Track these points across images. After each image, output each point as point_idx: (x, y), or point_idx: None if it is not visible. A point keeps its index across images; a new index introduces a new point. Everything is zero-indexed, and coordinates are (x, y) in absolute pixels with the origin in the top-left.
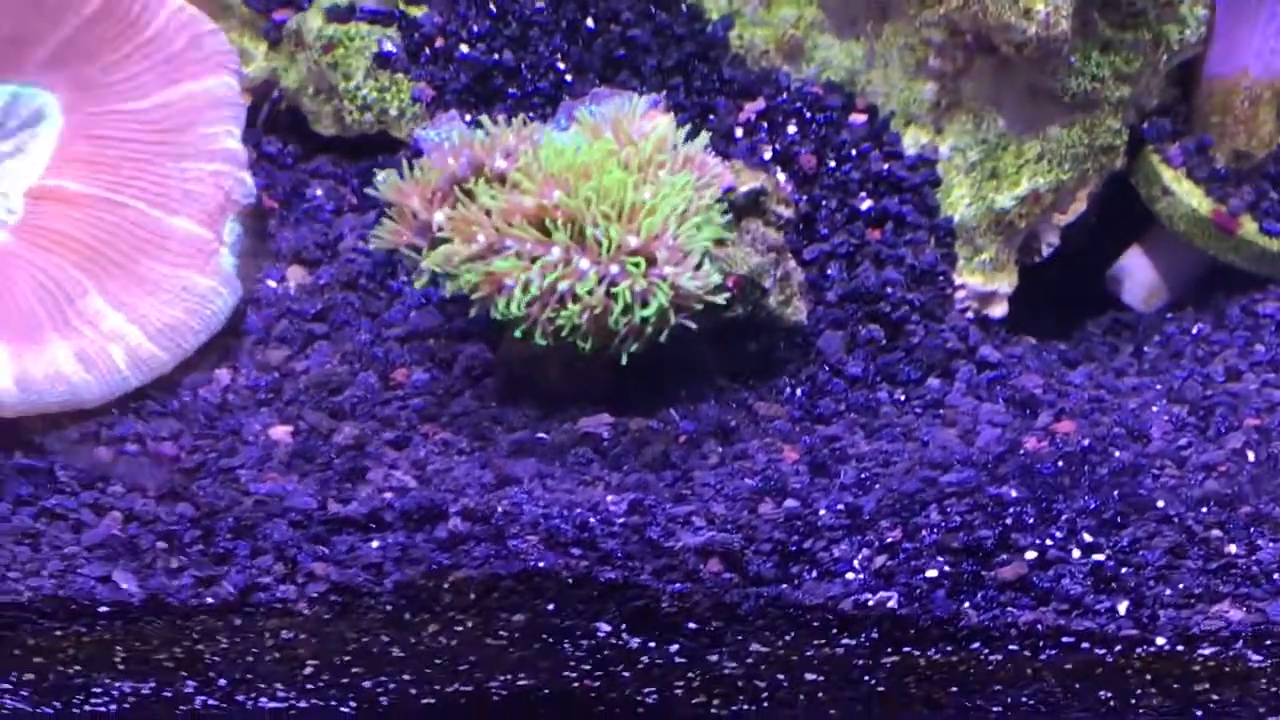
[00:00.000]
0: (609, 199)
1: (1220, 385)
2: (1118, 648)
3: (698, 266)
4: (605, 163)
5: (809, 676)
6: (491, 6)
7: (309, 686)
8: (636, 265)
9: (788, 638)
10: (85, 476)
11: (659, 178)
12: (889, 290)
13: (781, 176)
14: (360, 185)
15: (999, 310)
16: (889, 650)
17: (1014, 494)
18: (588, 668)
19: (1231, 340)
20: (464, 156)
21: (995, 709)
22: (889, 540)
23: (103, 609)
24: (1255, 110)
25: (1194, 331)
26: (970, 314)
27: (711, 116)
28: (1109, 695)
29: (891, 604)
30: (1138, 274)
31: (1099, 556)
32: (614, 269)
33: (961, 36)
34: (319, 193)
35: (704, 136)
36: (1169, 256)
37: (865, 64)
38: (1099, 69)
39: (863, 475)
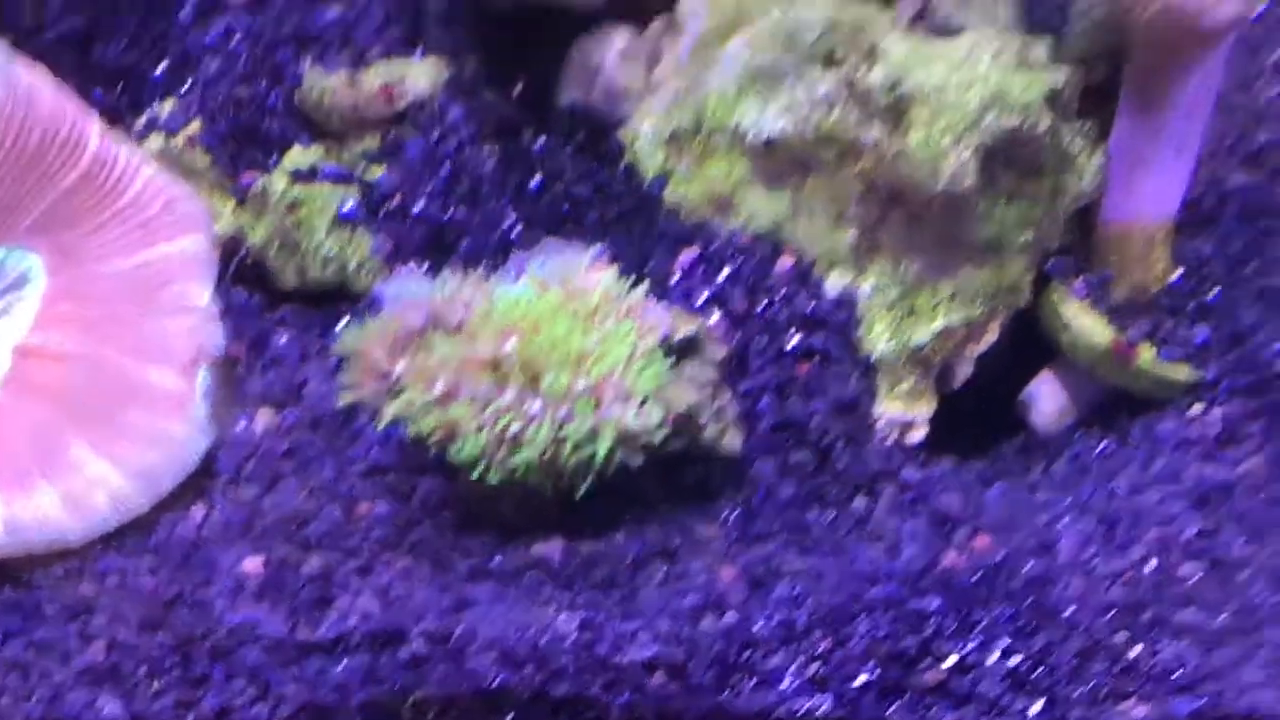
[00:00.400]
0: (559, 347)
1: (1124, 499)
2: None
3: (641, 406)
4: (555, 314)
5: None
6: (445, 168)
7: None
8: (585, 407)
9: None
10: (71, 609)
11: (605, 326)
12: (816, 420)
13: (715, 318)
14: (323, 333)
15: (918, 435)
16: None
17: (935, 605)
18: None
19: (1134, 457)
20: (422, 309)
21: None
22: (821, 650)
23: None
24: (1150, 249)
25: (1099, 450)
26: (892, 439)
27: (650, 264)
28: None
29: (824, 709)
30: (1047, 397)
31: (1014, 661)
32: (564, 411)
33: (878, 190)
34: (284, 340)
35: (644, 286)
36: (1076, 381)
37: (791, 214)
38: (1004, 217)
39: (796, 590)
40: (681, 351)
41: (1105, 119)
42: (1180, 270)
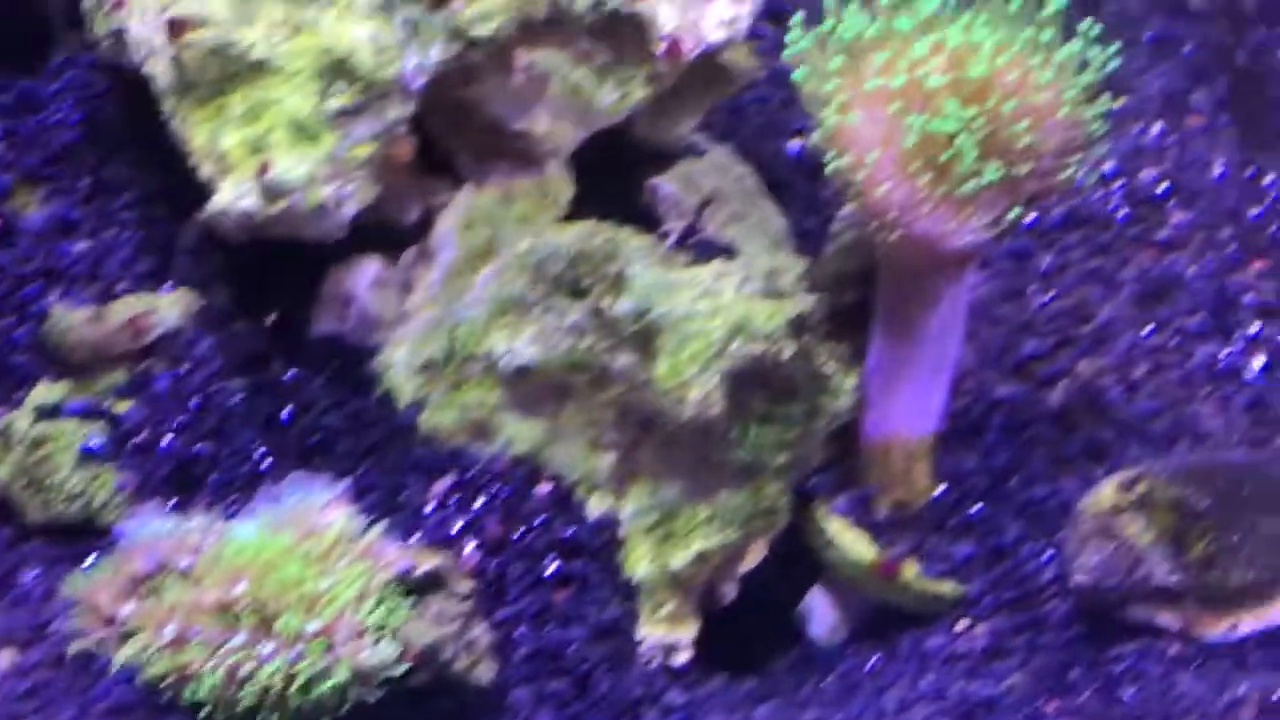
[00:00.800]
0: (291, 590)
1: (893, 716)
2: None
3: (375, 644)
4: (287, 555)
5: None
6: (194, 400)
7: None
8: (317, 648)
9: None
10: None
11: (338, 567)
12: (575, 647)
13: (470, 547)
14: (70, 570)
15: (683, 657)
16: None
17: None
18: None
19: (903, 672)
20: (153, 552)
21: None
22: None
23: None
24: (910, 465)
25: (870, 665)
26: (655, 663)
27: (404, 494)
28: None
29: None
30: (819, 612)
31: None
32: (296, 652)
33: (632, 416)
34: (30, 577)
35: (381, 525)
36: (846, 595)
37: (549, 440)
38: (758, 440)
39: None
40: (424, 587)
41: (863, 337)
42: (943, 485)
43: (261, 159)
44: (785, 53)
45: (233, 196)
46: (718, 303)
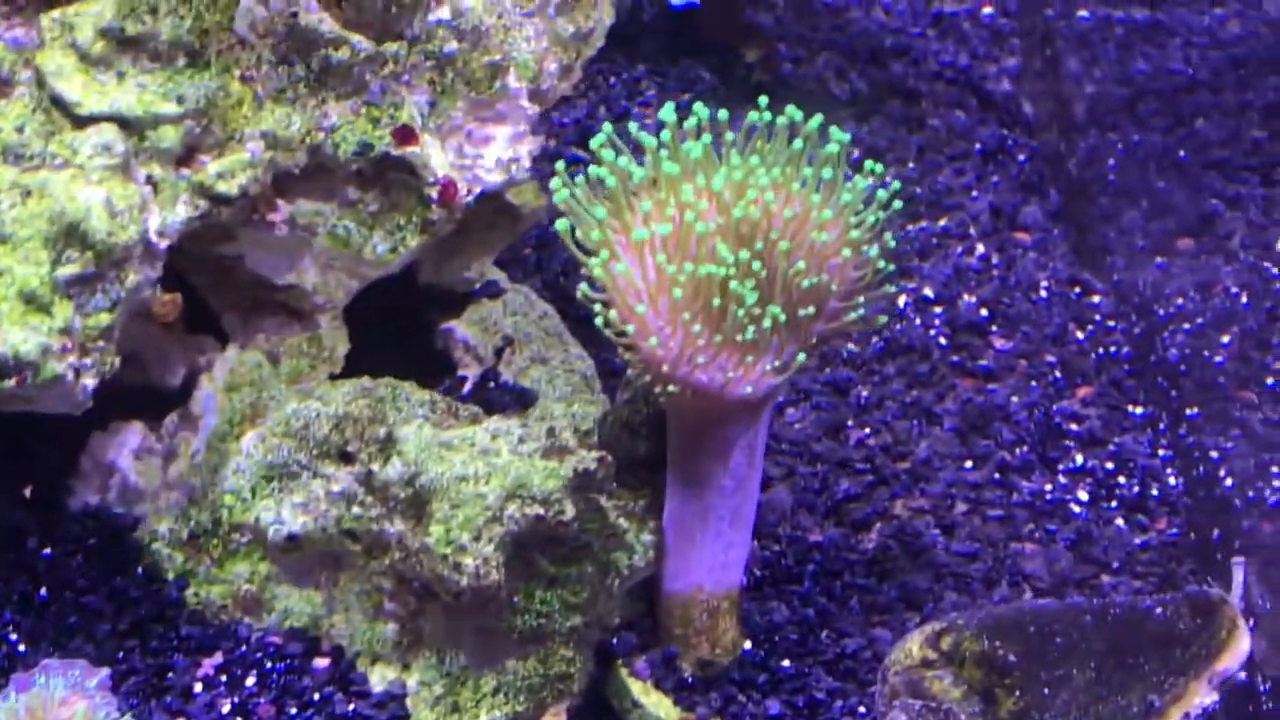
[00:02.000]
0: None
1: None
2: None
3: None
4: None
5: None
6: None
7: None
8: None
9: None
10: None
11: None
12: None
13: None
14: None
15: None
16: None
17: None
18: None
19: None
20: None
21: None
22: None
23: None
24: (715, 620)
25: None
26: None
27: (170, 677)
28: None
29: None
30: None
31: None
32: None
33: (409, 583)
34: None
35: (137, 714)
36: None
37: (327, 610)
38: (545, 604)
39: None
40: None
41: (661, 488)
42: (751, 640)
43: None
44: (554, 198)
45: None
46: (493, 464)
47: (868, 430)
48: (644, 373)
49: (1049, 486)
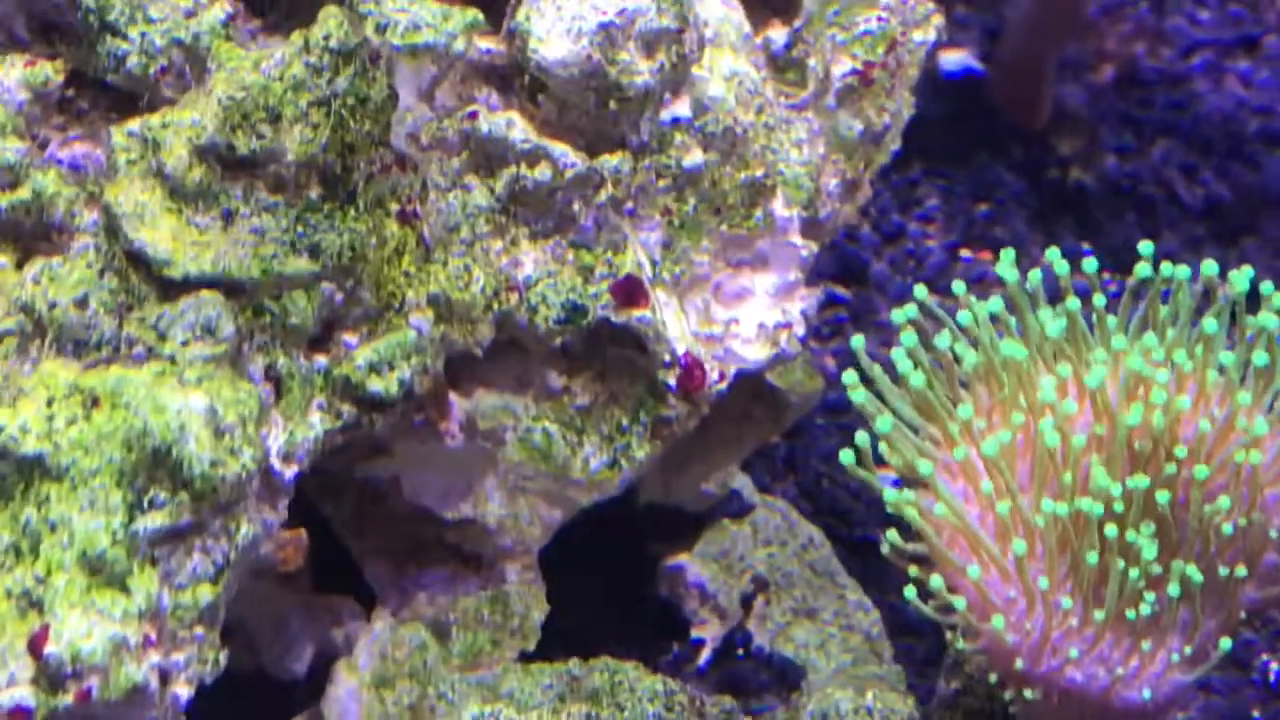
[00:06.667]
0: None
1: None
2: None
3: None
4: None
5: None
6: None
7: None
8: None
9: None
10: None
11: None
12: None
13: None
14: None
15: None
16: None
17: None
18: None
19: None
20: None
21: None
22: None
23: None
24: None
25: None
26: None
27: None
28: None
29: None
30: None
31: None
32: None
33: None
34: None
35: None
36: None
37: None
38: None
39: None
40: None
41: None
42: None
43: (35, 622)
44: (850, 396)
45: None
46: None
47: None
48: (985, 664)
49: None
